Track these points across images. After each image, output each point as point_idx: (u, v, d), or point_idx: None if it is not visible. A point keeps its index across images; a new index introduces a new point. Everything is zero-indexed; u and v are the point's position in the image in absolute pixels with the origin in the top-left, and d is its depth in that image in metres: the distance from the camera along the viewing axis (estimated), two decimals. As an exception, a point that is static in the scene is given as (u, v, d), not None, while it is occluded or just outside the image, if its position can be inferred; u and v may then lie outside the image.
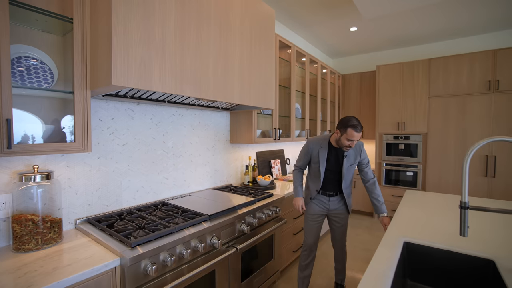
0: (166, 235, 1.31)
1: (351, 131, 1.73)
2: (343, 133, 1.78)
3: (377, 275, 0.99)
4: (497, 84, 3.06)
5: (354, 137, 1.74)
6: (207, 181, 2.33)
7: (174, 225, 1.38)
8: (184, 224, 1.40)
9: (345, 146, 1.81)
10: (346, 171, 1.94)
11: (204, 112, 2.28)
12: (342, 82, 4.55)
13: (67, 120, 1.35)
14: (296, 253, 2.58)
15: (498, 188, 3.09)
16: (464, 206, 0.95)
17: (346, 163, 1.92)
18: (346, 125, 1.75)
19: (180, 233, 1.35)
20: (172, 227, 1.35)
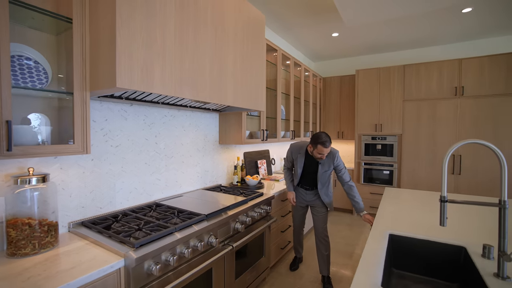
0: (167, 235, 1.33)
1: (320, 147, 2.05)
2: (314, 148, 2.10)
3: (369, 264, 1.09)
4: (462, 90, 3.38)
5: (323, 152, 2.06)
6: (197, 181, 2.35)
7: (174, 225, 1.41)
8: (183, 224, 1.43)
9: (318, 158, 2.14)
10: (321, 175, 2.28)
11: (195, 113, 2.30)
12: (323, 84, 4.73)
13: (63, 121, 1.32)
14: (284, 250, 2.68)
15: (463, 184, 3.40)
16: (443, 200, 1.08)
17: (320, 169, 2.26)
18: (316, 142, 2.07)
19: (180, 232, 1.38)
20: (172, 227, 1.37)
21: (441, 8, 2.77)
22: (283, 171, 2.53)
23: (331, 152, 2.23)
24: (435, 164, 3.58)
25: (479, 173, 3.32)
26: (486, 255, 1.15)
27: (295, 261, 2.60)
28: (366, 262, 1.11)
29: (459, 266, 1.32)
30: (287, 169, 2.49)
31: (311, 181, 2.35)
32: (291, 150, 2.39)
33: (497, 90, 3.21)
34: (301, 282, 2.35)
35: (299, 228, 2.57)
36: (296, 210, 2.51)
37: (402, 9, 2.56)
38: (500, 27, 3.33)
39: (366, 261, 1.12)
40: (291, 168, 2.48)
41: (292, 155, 2.37)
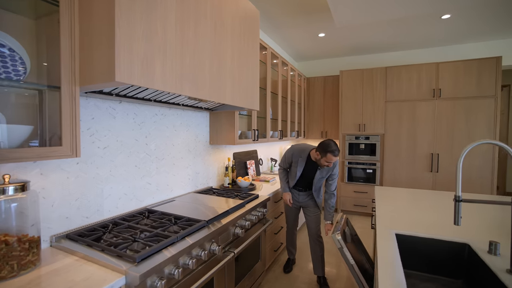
0: (169, 245, 1.21)
1: (330, 156, 2.03)
2: (323, 156, 2.07)
3: (388, 266, 1.07)
4: (440, 92, 3.57)
5: (332, 160, 2.05)
6: (188, 184, 2.21)
7: (175, 234, 1.29)
8: (184, 232, 1.32)
9: (323, 165, 2.12)
10: (317, 181, 2.28)
11: (186, 112, 2.16)
12: (307, 84, 4.76)
13: (45, 119, 1.15)
14: (277, 252, 2.63)
15: (441, 182, 3.60)
16: (458, 200, 1.08)
17: (318, 175, 2.26)
18: (326, 150, 2.03)
19: (182, 242, 1.27)
20: (173, 236, 1.25)
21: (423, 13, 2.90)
22: (278, 171, 2.49)
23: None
24: (414, 162, 3.74)
25: (454, 170, 3.53)
26: (493, 251, 1.18)
27: (289, 263, 2.56)
28: (384, 265, 1.09)
29: (462, 263, 1.35)
30: (283, 170, 2.45)
31: (306, 184, 2.34)
32: (292, 152, 2.32)
33: (470, 93, 3.43)
34: (296, 284, 2.32)
35: (293, 229, 2.53)
36: (289, 211, 2.48)
37: (390, 12, 2.63)
38: (474, 34, 3.57)
39: (384, 264, 1.09)
40: (287, 168, 2.44)
41: (293, 157, 2.31)
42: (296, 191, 2.39)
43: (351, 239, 2.15)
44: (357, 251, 2.08)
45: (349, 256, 1.70)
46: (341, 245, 1.74)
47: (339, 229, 1.86)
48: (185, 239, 1.30)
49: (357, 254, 2.02)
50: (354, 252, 1.98)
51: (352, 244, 2.07)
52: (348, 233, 2.09)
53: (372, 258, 2.52)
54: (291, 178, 2.36)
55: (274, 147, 4.18)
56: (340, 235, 1.75)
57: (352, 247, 2.04)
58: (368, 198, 4.04)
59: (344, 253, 1.72)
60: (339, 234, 1.76)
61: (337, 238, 1.75)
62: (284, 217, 2.84)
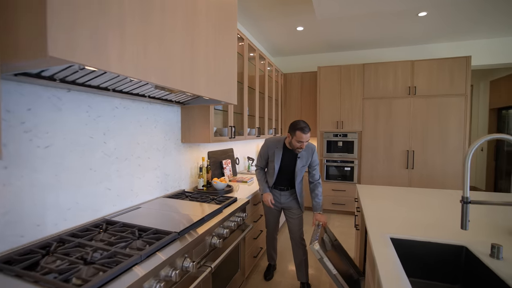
0: (130, 267, 0.97)
1: (299, 133, 1.90)
2: (293, 136, 1.95)
3: (392, 276, 0.93)
4: (415, 90, 3.61)
5: (302, 139, 1.90)
6: (157, 188, 1.95)
7: (138, 252, 1.04)
8: (150, 249, 1.08)
9: (297, 148, 1.97)
10: (299, 170, 2.11)
11: (153, 106, 1.89)
12: (284, 80, 4.64)
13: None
14: (257, 258, 2.44)
15: (416, 178, 3.66)
16: (466, 201, 0.97)
17: (299, 164, 2.10)
18: (294, 128, 1.92)
19: (147, 261, 1.03)
20: (136, 256, 1.01)
21: (401, 9, 2.88)
22: (255, 172, 2.30)
23: (309, 146, 2.09)
24: (391, 160, 3.77)
25: (429, 167, 3.60)
26: (495, 255, 1.09)
27: (269, 269, 2.39)
28: (387, 274, 0.94)
29: (459, 267, 1.26)
30: (260, 169, 2.27)
31: (287, 180, 2.18)
32: (267, 145, 2.17)
33: (443, 91, 3.51)
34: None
35: (273, 233, 2.37)
36: (270, 214, 2.30)
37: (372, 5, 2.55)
38: (448, 33, 3.66)
39: (386, 272, 0.95)
40: (264, 167, 2.27)
41: (269, 151, 2.16)
42: (277, 191, 2.22)
43: (332, 245, 2.03)
44: (339, 257, 1.97)
45: (331, 266, 1.57)
46: (321, 255, 1.60)
47: (316, 238, 1.71)
48: (152, 257, 1.06)
49: (339, 261, 1.90)
50: (336, 260, 1.86)
51: (333, 251, 1.95)
52: (327, 240, 1.97)
53: (357, 260, 2.43)
54: (269, 175, 2.20)
55: (251, 145, 3.99)
56: (318, 245, 1.61)
57: (333, 254, 1.92)
58: (346, 196, 4.01)
59: (325, 263, 1.58)
60: (317, 243, 1.61)
61: (316, 248, 1.61)
62: (264, 220, 2.66)
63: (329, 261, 1.60)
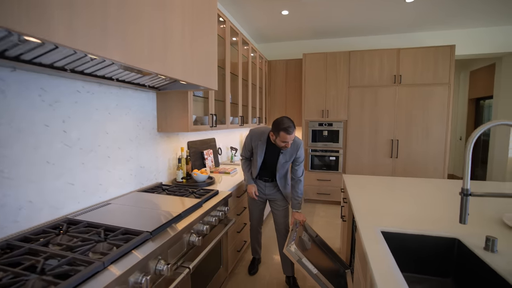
0: (89, 278, 0.82)
1: (283, 134, 1.79)
2: (277, 136, 1.84)
3: (386, 275, 0.85)
4: (400, 78, 3.58)
5: (287, 139, 1.80)
6: (130, 181, 1.78)
7: (100, 258, 0.90)
8: (116, 253, 0.94)
9: (281, 147, 1.89)
10: (281, 166, 2.02)
11: (124, 91, 1.70)
12: (268, 68, 4.48)
13: None
14: (240, 252, 2.35)
15: (400, 167, 3.68)
16: (466, 193, 0.90)
17: (281, 159, 2.00)
18: (278, 128, 1.80)
19: (112, 269, 0.89)
20: (97, 263, 0.86)
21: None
22: (241, 162, 2.21)
23: (296, 141, 1.98)
24: (376, 149, 3.76)
25: (412, 156, 3.63)
26: (490, 248, 1.04)
27: (254, 263, 2.31)
28: (381, 271, 0.86)
29: (451, 260, 1.22)
30: (245, 159, 2.17)
31: (271, 172, 2.08)
32: (250, 136, 2.06)
33: (427, 80, 3.50)
34: (264, 287, 2.08)
35: (258, 226, 2.28)
36: (254, 205, 2.21)
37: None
38: (434, 21, 3.62)
39: (380, 273, 0.87)
40: (249, 157, 2.16)
41: (252, 142, 2.05)
42: (262, 182, 2.12)
43: (313, 242, 1.97)
44: (321, 253, 1.91)
45: (311, 266, 1.49)
46: (299, 256, 1.52)
47: (293, 239, 1.63)
48: (118, 262, 0.92)
49: (322, 257, 1.84)
50: (318, 256, 1.79)
51: (314, 248, 1.88)
52: (306, 238, 1.90)
53: (343, 252, 2.40)
54: (253, 167, 2.10)
55: (234, 134, 3.84)
56: (294, 246, 1.52)
57: (315, 251, 1.85)
58: (331, 186, 3.99)
59: (304, 264, 1.50)
60: (293, 245, 1.53)
61: (292, 250, 1.52)
62: (248, 213, 2.56)
63: (308, 261, 1.52)
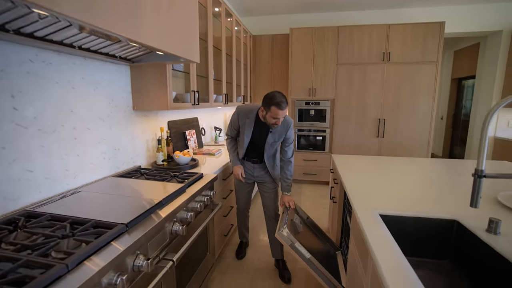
0: (48, 284, 0.68)
1: (275, 109, 1.64)
2: (267, 111, 1.69)
3: (393, 265, 0.77)
4: (389, 56, 3.49)
5: (278, 115, 1.66)
6: (104, 166, 1.59)
7: (63, 258, 0.75)
8: (83, 252, 0.79)
9: (272, 124, 1.73)
10: (269, 146, 1.90)
11: (91, 63, 1.47)
12: (253, 43, 4.23)
13: None
14: (227, 236, 2.27)
15: (385, 146, 3.69)
16: (480, 175, 0.82)
17: (270, 139, 1.87)
18: (269, 103, 1.65)
19: (79, 270, 0.74)
20: (59, 267, 0.72)
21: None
22: (226, 142, 2.06)
23: (286, 120, 1.85)
24: (363, 128, 3.72)
25: (398, 135, 3.63)
26: (493, 230, 1.00)
27: (241, 247, 2.24)
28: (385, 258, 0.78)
29: (450, 242, 1.18)
30: (231, 139, 2.03)
31: (259, 153, 1.96)
32: (237, 114, 1.90)
33: (415, 58, 3.43)
34: (252, 271, 2.02)
35: (245, 209, 2.18)
36: (241, 188, 2.10)
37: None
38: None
39: (383, 256, 0.79)
40: (236, 137, 2.02)
41: (239, 120, 1.89)
42: (250, 163, 2.01)
43: (304, 223, 1.91)
44: (313, 235, 1.85)
45: (304, 250, 1.42)
46: (291, 240, 1.44)
47: (285, 222, 1.55)
48: (88, 261, 0.78)
49: (313, 240, 1.79)
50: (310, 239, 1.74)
51: (305, 230, 1.82)
52: (298, 221, 1.83)
53: (333, 233, 2.38)
54: (240, 147, 1.97)
55: (218, 113, 3.65)
56: (286, 230, 1.44)
57: (307, 233, 1.79)
58: (317, 166, 3.96)
59: (297, 249, 1.43)
60: (285, 229, 1.45)
61: (284, 235, 1.44)
62: (234, 194, 2.46)
63: (301, 245, 1.46)
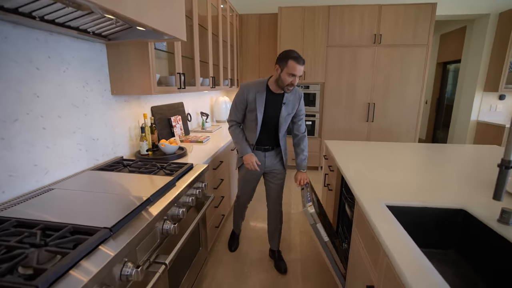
0: (13, 317, 0.55)
1: (292, 63, 1.47)
2: (284, 67, 1.50)
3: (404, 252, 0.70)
4: (380, 38, 3.40)
5: (296, 71, 1.48)
6: (80, 158, 1.42)
7: (32, 276, 0.61)
8: (58, 268, 0.66)
9: (287, 85, 1.54)
10: (284, 120, 1.70)
11: (58, 39, 1.25)
12: (240, 23, 3.99)
13: None
14: (219, 228, 2.18)
15: (375, 131, 3.68)
16: (507, 166, 0.75)
17: (284, 112, 1.68)
18: (287, 57, 1.49)
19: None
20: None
21: None
22: (230, 130, 1.79)
23: (297, 90, 1.70)
24: (353, 112, 3.68)
25: (387, 119, 3.62)
26: (506, 220, 0.96)
27: (234, 238, 2.16)
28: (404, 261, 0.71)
29: (455, 231, 1.14)
30: (235, 125, 1.78)
31: (271, 136, 1.75)
32: (243, 91, 1.66)
33: (406, 40, 3.37)
34: (247, 263, 1.96)
35: (246, 202, 2.02)
36: (247, 182, 1.89)
37: None
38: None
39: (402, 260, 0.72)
40: (241, 121, 1.79)
41: (247, 96, 1.65)
42: (260, 152, 1.78)
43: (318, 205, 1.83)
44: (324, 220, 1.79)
45: (324, 233, 1.36)
46: (315, 220, 1.37)
47: (309, 199, 1.47)
48: (66, 277, 0.65)
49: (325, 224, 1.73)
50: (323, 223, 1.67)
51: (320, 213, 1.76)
52: (316, 201, 1.74)
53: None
54: (250, 131, 1.74)
55: (204, 98, 3.46)
56: (313, 208, 1.37)
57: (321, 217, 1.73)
58: (306, 151, 3.91)
59: (318, 230, 1.36)
60: (311, 206, 1.37)
61: (310, 212, 1.37)
62: (225, 185, 2.35)
63: (322, 227, 1.39)
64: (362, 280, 1.12)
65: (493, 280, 0.95)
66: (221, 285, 1.74)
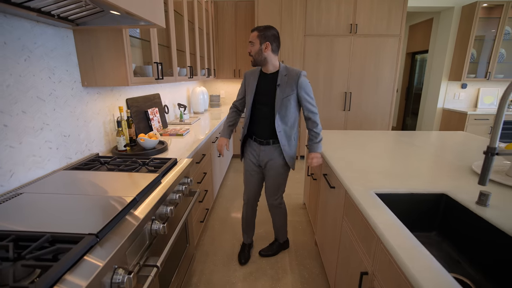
0: None
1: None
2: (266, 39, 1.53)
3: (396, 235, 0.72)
4: (356, 28, 3.45)
5: (249, 38, 1.56)
6: (51, 157, 1.29)
7: (13, 301, 0.54)
8: (41, 284, 0.58)
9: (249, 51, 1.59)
10: (280, 103, 1.53)
11: (16, 23, 1.10)
12: (215, 10, 3.84)
13: None
14: (204, 222, 2.13)
15: (351, 120, 3.78)
16: (493, 153, 0.79)
17: (279, 94, 1.53)
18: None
19: (38, 314, 0.54)
20: (8, 313, 0.51)
21: None
22: (229, 112, 1.87)
23: (294, 69, 1.53)
24: (331, 101, 3.74)
25: (363, 108, 3.74)
26: (483, 202, 1.02)
27: (244, 251, 1.93)
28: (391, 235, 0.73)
29: (437, 214, 1.21)
30: (232, 110, 1.85)
31: (268, 127, 1.60)
32: (244, 76, 1.75)
33: (381, 31, 3.46)
34: (234, 256, 1.94)
35: (254, 202, 1.86)
36: (246, 173, 1.79)
37: None
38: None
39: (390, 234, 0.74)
40: (239, 106, 1.84)
41: (245, 81, 1.72)
42: (256, 144, 1.68)
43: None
44: None
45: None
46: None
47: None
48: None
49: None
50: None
51: None
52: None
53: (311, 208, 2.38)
54: (245, 121, 1.71)
55: (181, 89, 3.31)
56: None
57: None
58: (285, 141, 3.93)
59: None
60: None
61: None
62: (208, 177, 2.29)
63: None
64: (355, 267, 1.15)
65: (474, 256, 1.02)
66: (210, 280, 1.71)
